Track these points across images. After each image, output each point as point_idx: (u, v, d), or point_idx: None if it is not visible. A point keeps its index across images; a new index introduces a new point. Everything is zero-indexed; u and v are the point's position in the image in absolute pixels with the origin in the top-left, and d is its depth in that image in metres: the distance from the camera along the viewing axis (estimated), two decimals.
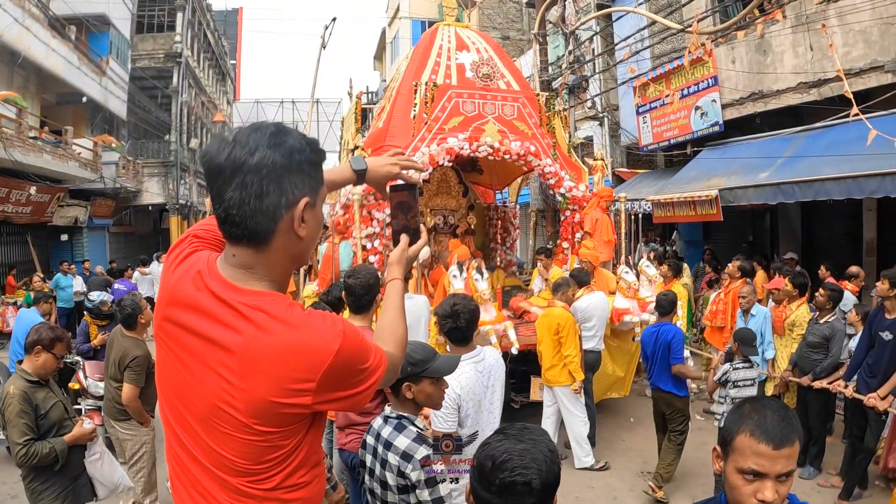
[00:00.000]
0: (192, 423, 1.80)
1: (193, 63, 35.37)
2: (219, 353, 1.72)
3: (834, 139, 10.66)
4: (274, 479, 1.79)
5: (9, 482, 7.44)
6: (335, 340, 1.72)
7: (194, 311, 1.78)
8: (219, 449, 1.76)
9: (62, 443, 4.49)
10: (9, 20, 17.56)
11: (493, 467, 1.97)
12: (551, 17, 16.07)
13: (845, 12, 10.62)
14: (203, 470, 1.80)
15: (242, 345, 1.70)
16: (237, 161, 1.68)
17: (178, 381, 1.83)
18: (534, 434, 2.07)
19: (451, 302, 4.21)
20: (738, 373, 6.44)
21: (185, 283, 1.83)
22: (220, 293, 1.76)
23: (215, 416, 1.74)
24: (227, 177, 1.69)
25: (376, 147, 9.36)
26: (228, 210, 1.71)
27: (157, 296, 1.98)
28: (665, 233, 18.15)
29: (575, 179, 10.18)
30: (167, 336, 1.85)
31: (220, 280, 1.78)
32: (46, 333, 4.68)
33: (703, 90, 13.88)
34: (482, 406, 4.09)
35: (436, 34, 10.43)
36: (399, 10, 34.47)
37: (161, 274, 2.03)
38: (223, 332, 1.72)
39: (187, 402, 1.81)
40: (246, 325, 1.71)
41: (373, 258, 8.61)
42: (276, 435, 1.75)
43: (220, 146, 1.72)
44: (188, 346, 1.79)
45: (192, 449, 1.81)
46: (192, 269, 1.85)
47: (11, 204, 18.24)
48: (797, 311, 7.86)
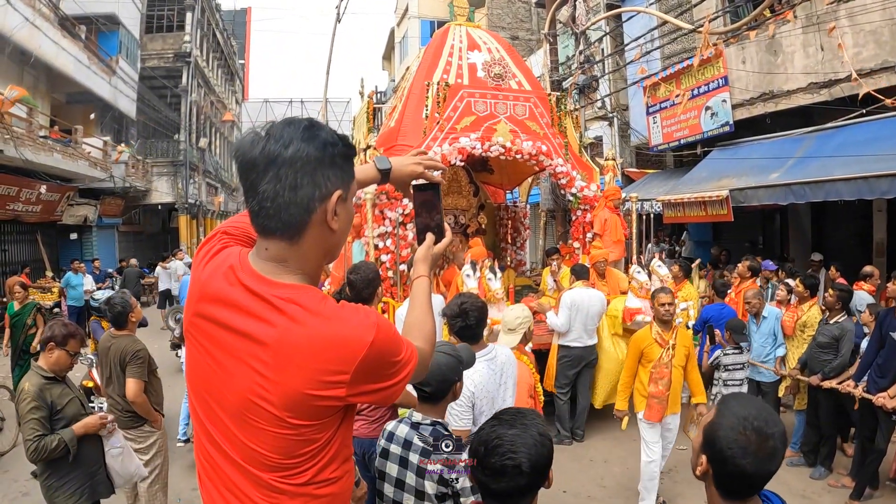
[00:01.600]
0: (223, 418, 1.81)
1: (202, 63, 35.48)
2: (253, 346, 1.73)
3: (844, 140, 10.64)
4: (306, 473, 1.80)
5: (20, 479, 7.50)
6: (369, 332, 1.73)
7: (227, 305, 1.80)
8: (251, 444, 1.77)
9: (70, 433, 4.44)
10: (19, 19, 17.65)
11: (486, 452, 2.13)
12: (561, 17, 16.07)
13: (856, 13, 10.60)
14: (234, 466, 1.81)
15: (277, 338, 1.70)
16: (272, 154, 1.70)
17: (210, 377, 1.84)
18: (525, 418, 2.21)
19: (459, 301, 4.25)
20: (728, 358, 7.27)
21: (217, 278, 1.84)
22: (253, 287, 1.77)
23: (248, 411, 1.76)
24: (261, 170, 1.71)
25: (388, 146, 9.38)
26: (262, 202, 1.73)
27: (182, 293, 2.01)
28: (674, 233, 18.14)
29: (586, 179, 10.19)
30: (199, 332, 1.86)
31: (252, 274, 1.79)
32: (59, 330, 4.68)
33: (714, 90, 13.86)
34: (495, 403, 4.11)
35: (447, 34, 10.46)
36: (408, 9, 34.50)
37: (191, 270, 2.04)
38: (257, 325, 1.74)
39: (219, 397, 1.82)
40: (280, 318, 1.72)
41: (385, 257, 8.63)
42: (309, 428, 1.76)
43: (254, 140, 1.73)
44: (220, 342, 1.80)
45: (224, 445, 1.82)
46: (224, 264, 1.86)
47: (21, 203, 18.34)
48: (808, 311, 7.84)
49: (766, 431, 1.92)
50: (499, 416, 2.26)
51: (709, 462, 2.01)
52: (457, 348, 3.35)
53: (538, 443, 2.11)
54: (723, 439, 1.94)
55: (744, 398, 2.09)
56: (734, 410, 1.99)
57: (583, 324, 8.09)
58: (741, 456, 1.91)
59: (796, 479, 7.08)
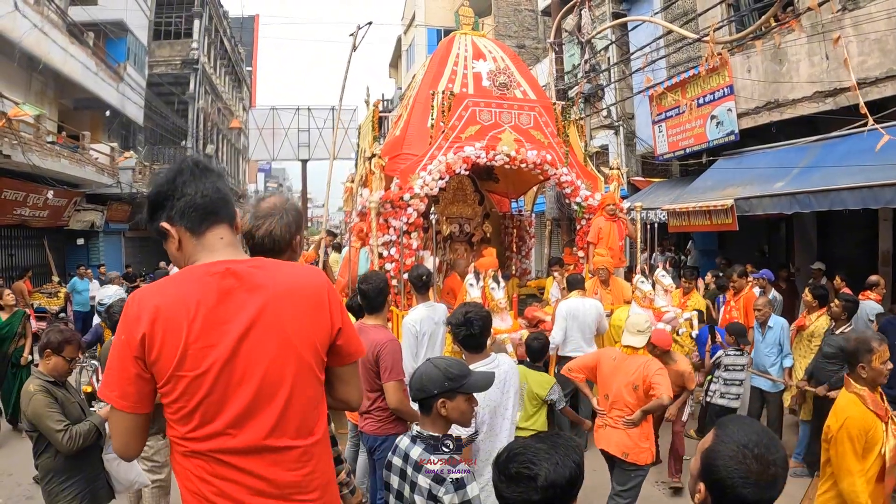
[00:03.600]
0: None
1: (210, 69, 35.62)
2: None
3: (849, 149, 10.62)
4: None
5: (24, 483, 7.53)
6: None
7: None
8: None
9: (98, 416, 4.53)
10: (28, 25, 17.75)
11: (507, 458, 2.15)
12: (567, 26, 16.11)
13: (861, 21, 10.59)
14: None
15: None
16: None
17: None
18: (559, 439, 2.19)
19: (464, 310, 4.26)
20: (728, 358, 7.37)
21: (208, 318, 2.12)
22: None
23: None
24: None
25: (393, 155, 9.42)
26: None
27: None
28: (679, 242, 18.11)
29: (591, 188, 10.20)
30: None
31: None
32: (55, 337, 4.73)
33: (719, 99, 13.85)
34: (497, 412, 4.13)
35: (452, 43, 10.50)
36: (414, 18, 34.55)
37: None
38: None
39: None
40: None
41: (389, 266, 8.65)
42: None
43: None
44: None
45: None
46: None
47: (29, 208, 18.40)
48: (816, 321, 7.82)
49: (767, 458, 1.87)
50: (539, 434, 2.32)
51: (707, 490, 1.96)
52: (457, 365, 3.29)
53: (561, 463, 2.07)
54: (722, 468, 1.89)
55: (743, 422, 2.03)
56: (734, 437, 1.94)
57: (580, 333, 8.08)
58: (742, 485, 1.86)
59: (799, 491, 7.05)
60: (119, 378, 2.09)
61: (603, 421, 5.71)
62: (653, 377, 5.47)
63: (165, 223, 2.23)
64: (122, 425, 2.15)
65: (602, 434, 5.74)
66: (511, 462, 2.11)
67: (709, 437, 2.03)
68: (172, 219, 2.23)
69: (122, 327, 2.09)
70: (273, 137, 31.81)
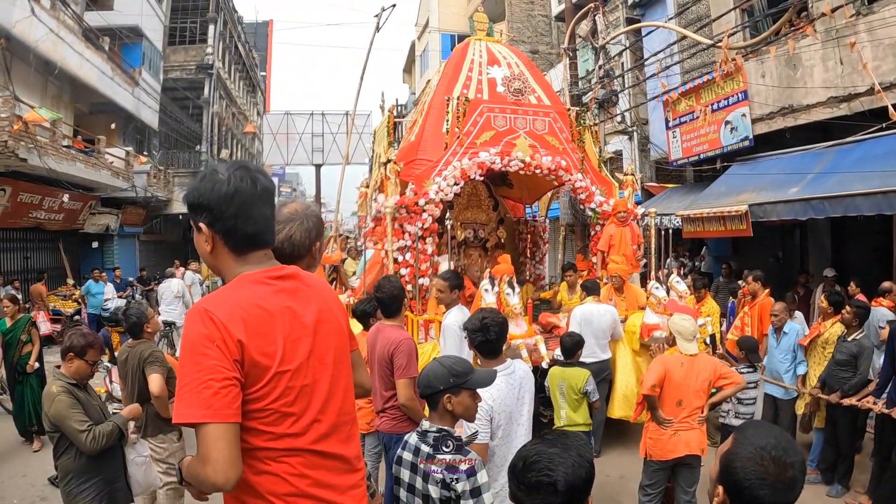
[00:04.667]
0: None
1: (224, 74, 35.77)
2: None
3: (864, 154, 10.61)
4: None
5: (38, 484, 7.62)
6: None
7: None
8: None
9: (121, 418, 4.58)
10: (44, 31, 17.88)
11: (523, 467, 2.16)
12: (581, 32, 16.10)
13: (875, 26, 10.58)
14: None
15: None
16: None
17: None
18: (568, 440, 2.22)
19: (480, 316, 4.28)
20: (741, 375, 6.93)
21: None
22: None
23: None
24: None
25: (408, 160, 9.45)
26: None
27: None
28: (694, 248, 18.08)
29: (605, 194, 10.21)
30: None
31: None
32: (78, 340, 4.74)
33: (733, 105, 13.84)
34: (513, 418, 4.14)
35: (467, 49, 10.52)
36: (428, 23, 34.61)
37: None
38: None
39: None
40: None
41: (404, 271, 8.67)
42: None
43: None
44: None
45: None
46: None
47: (44, 211, 18.57)
48: (831, 328, 7.75)
49: (785, 461, 1.88)
50: (543, 435, 2.29)
51: (725, 493, 1.96)
52: (461, 363, 3.41)
53: (577, 464, 2.11)
54: (740, 470, 1.90)
55: (761, 426, 2.05)
56: (752, 440, 1.95)
57: (594, 338, 8.08)
58: (759, 487, 1.86)
59: (813, 498, 7.05)
60: (218, 390, 1.98)
61: (673, 428, 5.67)
62: (722, 369, 5.79)
63: (205, 226, 2.23)
64: (228, 439, 1.98)
65: (675, 441, 5.68)
66: (528, 471, 2.13)
67: (728, 441, 2.04)
68: (214, 226, 2.22)
69: (207, 337, 2.02)
70: (287, 142, 31.90)
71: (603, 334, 8.18)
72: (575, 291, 9.93)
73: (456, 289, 6.63)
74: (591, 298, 8.39)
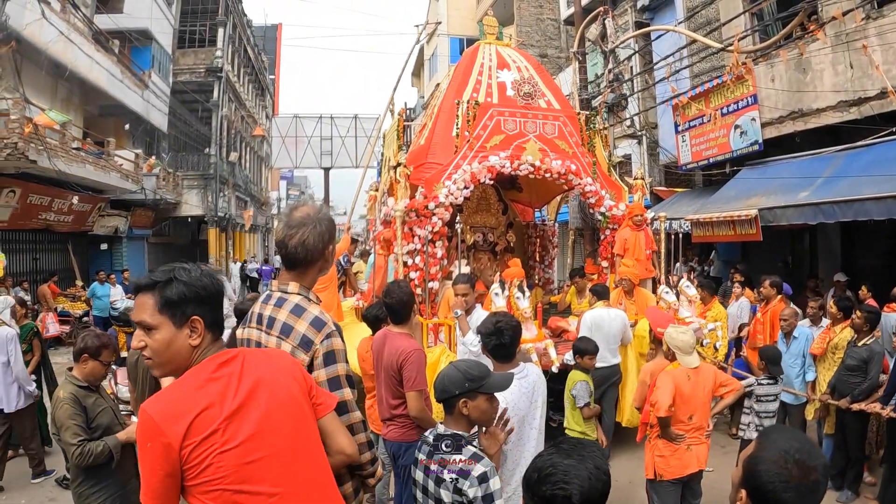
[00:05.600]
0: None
1: (233, 77, 35.83)
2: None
3: (874, 158, 10.57)
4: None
5: (46, 486, 7.66)
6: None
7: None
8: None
9: (116, 440, 4.52)
10: (54, 33, 17.94)
11: (538, 479, 2.10)
12: (590, 35, 16.11)
13: (886, 30, 10.55)
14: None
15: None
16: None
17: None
18: (584, 450, 2.15)
19: (494, 320, 4.28)
20: (762, 388, 6.86)
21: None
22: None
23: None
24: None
25: (418, 164, 9.46)
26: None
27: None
28: (703, 252, 18.04)
29: (615, 198, 10.20)
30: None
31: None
32: (92, 341, 4.77)
33: (743, 109, 13.82)
34: (525, 421, 4.14)
35: (477, 52, 10.54)
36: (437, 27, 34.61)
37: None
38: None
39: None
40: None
41: (414, 274, 8.67)
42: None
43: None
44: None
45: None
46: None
47: (54, 212, 18.63)
48: (840, 333, 7.71)
49: (808, 464, 1.88)
50: (558, 444, 2.23)
51: (748, 496, 1.96)
52: (477, 367, 3.38)
53: (592, 476, 2.05)
54: (764, 473, 1.90)
55: (785, 430, 2.05)
56: (776, 443, 1.95)
57: (604, 343, 8.03)
58: (783, 490, 1.87)
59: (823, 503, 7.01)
60: (156, 487, 2.19)
61: (686, 443, 5.48)
62: (720, 377, 5.76)
63: (199, 319, 2.36)
64: None
65: (689, 456, 5.50)
66: (543, 483, 2.07)
67: (751, 445, 2.04)
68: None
69: (141, 437, 2.20)
70: (296, 145, 32.00)
71: (613, 339, 8.13)
72: (584, 296, 9.92)
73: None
74: (601, 303, 8.36)
